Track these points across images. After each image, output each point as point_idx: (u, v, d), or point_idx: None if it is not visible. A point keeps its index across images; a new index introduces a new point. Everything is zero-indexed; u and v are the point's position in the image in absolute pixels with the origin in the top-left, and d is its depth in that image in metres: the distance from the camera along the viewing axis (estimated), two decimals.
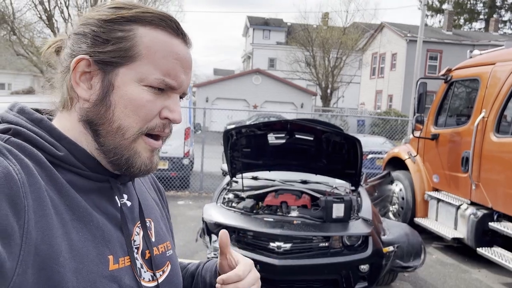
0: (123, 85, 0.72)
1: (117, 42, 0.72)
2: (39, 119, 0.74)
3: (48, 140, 0.71)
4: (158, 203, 0.95)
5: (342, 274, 3.68)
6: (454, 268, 4.95)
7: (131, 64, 0.72)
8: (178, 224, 6.12)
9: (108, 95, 0.72)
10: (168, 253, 0.86)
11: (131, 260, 0.74)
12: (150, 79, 0.72)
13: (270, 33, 41.50)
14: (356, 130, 21.17)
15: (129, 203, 0.80)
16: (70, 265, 0.64)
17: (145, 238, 0.80)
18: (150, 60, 0.72)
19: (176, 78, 0.75)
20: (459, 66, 5.55)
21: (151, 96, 0.73)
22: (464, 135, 5.08)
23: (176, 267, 0.88)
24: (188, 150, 8.42)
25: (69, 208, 0.68)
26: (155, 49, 0.73)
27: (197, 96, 25.14)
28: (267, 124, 4.23)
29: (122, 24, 0.73)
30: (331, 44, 26.02)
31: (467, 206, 4.99)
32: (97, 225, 0.71)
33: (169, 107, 0.75)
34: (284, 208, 4.13)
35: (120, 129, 0.73)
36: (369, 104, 32.09)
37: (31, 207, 0.61)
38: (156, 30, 0.73)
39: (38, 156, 0.68)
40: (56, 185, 0.68)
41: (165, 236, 0.88)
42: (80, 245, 0.67)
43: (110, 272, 0.70)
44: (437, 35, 27.96)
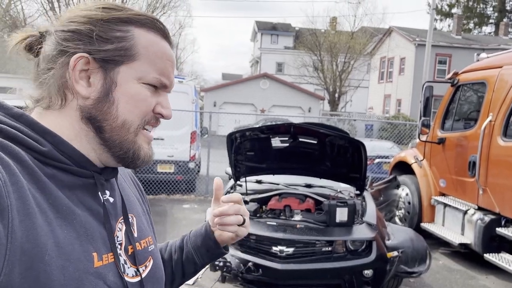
0: (125, 83, 0.76)
1: (117, 42, 0.75)
2: (19, 114, 0.73)
3: (30, 135, 0.70)
4: (139, 198, 0.96)
5: (345, 279, 3.64)
6: (460, 274, 4.87)
7: (131, 63, 0.76)
8: (183, 228, 6.12)
9: (111, 91, 0.75)
10: (150, 248, 0.87)
11: (115, 256, 0.75)
12: (148, 77, 0.77)
13: (278, 38, 41.58)
14: (364, 134, 21.03)
15: (112, 199, 0.81)
16: (56, 263, 0.64)
17: (127, 233, 0.81)
18: (148, 60, 0.77)
19: (168, 77, 0.80)
20: (466, 69, 5.49)
21: (148, 93, 0.78)
22: (471, 139, 5.02)
23: (158, 261, 0.90)
24: (194, 154, 8.42)
25: (53, 206, 0.68)
26: (152, 50, 0.77)
27: (205, 100, 25.22)
28: (270, 127, 4.21)
29: (119, 25, 0.76)
30: (339, 48, 25.97)
31: (474, 211, 4.92)
32: (80, 222, 0.71)
33: (162, 103, 0.80)
34: (288, 212, 4.11)
35: (125, 124, 0.76)
36: (377, 109, 31.92)
37: (15, 206, 0.61)
38: (149, 32, 0.78)
39: (19, 154, 0.67)
40: (38, 183, 0.67)
41: (147, 231, 0.89)
42: (66, 242, 0.67)
43: (95, 269, 0.70)
44: (446, 39, 27.78)
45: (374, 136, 20.46)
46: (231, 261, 3.70)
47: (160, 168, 8.29)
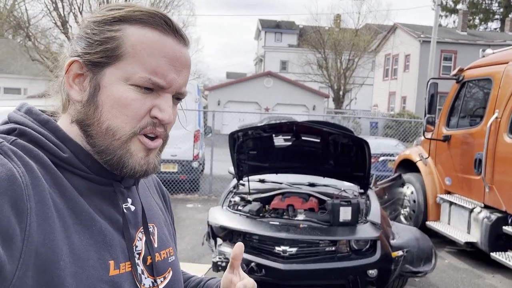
0: (110, 85, 0.72)
1: (105, 43, 0.72)
2: (45, 120, 0.74)
3: (53, 141, 0.72)
4: (162, 208, 0.94)
5: (349, 279, 3.59)
6: (467, 273, 4.81)
7: (118, 64, 0.72)
8: (186, 227, 6.09)
9: (96, 95, 0.72)
10: (170, 259, 0.86)
11: (132, 265, 0.74)
12: (135, 77, 0.71)
13: (282, 36, 41.47)
14: (369, 132, 20.92)
15: (133, 208, 0.80)
16: (70, 269, 0.64)
17: (147, 243, 0.80)
18: (136, 59, 0.71)
19: (164, 76, 0.72)
20: (471, 65, 5.41)
21: (137, 95, 0.72)
22: (477, 136, 4.95)
23: (178, 273, 0.87)
24: (197, 153, 8.40)
25: (72, 212, 0.68)
26: (141, 47, 0.71)
27: (209, 99, 25.23)
28: (272, 126, 4.18)
29: (111, 25, 0.73)
30: (343, 46, 25.86)
31: (480, 209, 4.85)
32: (99, 229, 0.71)
33: (159, 106, 0.73)
34: (291, 211, 4.07)
35: (110, 130, 0.72)
36: (382, 106, 31.77)
37: (34, 210, 0.62)
38: (144, 28, 0.73)
39: (43, 159, 0.68)
40: (60, 188, 0.68)
41: (167, 242, 0.87)
42: (82, 249, 0.67)
43: (110, 278, 0.69)
44: (451, 36, 27.58)
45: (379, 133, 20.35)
46: None
47: (163, 168, 8.28)
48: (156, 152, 0.77)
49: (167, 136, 0.79)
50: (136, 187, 0.84)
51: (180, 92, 0.77)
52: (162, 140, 0.78)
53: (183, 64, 0.75)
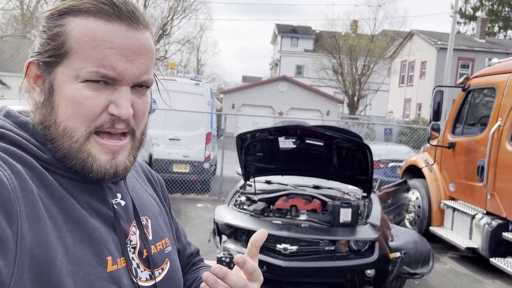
0: (63, 85, 0.69)
1: (53, 40, 0.68)
2: (24, 123, 0.73)
3: (33, 143, 0.70)
4: (156, 198, 0.92)
5: (347, 278, 3.72)
6: (467, 278, 4.89)
7: (66, 61, 0.68)
8: (196, 226, 6.29)
9: (51, 97, 0.70)
10: (167, 250, 0.85)
11: (126, 260, 0.74)
12: (83, 73, 0.67)
13: (298, 41, 41.61)
14: (383, 138, 20.86)
15: (123, 202, 0.79)
16: (66, 269, 0.63)
17: (141, 237, 0.79)
18: (81, 53, 0.67)
19: (113, 68, 0.68)
20: (477, 74, 5.51)
21: (91, 93, 0.68)
22: (480, 144, 5.04)
23: (176, 263, 0.86)
24: (209, 154, 8.61)
25: (63, 211, 0.67)
26: (84, 40, 0.67)
27: (223, 102, 25.48)
28: (277, 129, 4.34)
29: (57, 19, 0.69)
30: (358, 51, 25.87)
31: (482, 215, 4.93)
32: (93, 226, 0.70)
33: (115, 101, 0.70)
34: (294, 211, 4.22)
35: (66, 131, 0.69)
36: (397, 113, 31.59)
37: (24, 212, 0.61)
38: (88, 19, 0.68)
39: (28, 160, 0.67)
40: (48, 188, 0.67)
41: (163, 233, 0.86)
42: (76, 248, 0.66)
43: (108, 274, 0.69)
44: (469, 43, 27.32)
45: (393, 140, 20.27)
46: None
47: (175, 168, 8.50)
48: (127, 152, 0.74)
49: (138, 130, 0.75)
50: (124, 181, 0.82)
51: (140, 81, 0.71)
52: (130, 137, 0.74)
53: (137, 52, 0.70)
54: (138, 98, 0.73)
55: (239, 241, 4.01)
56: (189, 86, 8.58)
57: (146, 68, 0.72)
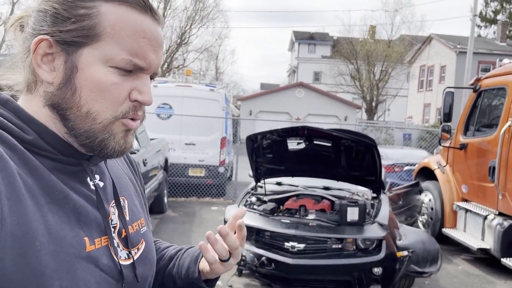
0: (87, 67, 0.68)
1: (79, 20, 0.67)
2: (5, 100, 0.70)
3: (15, 122, 0.68)
4: (131, 178, 0.93)
5: (354, 276, 3.77)
6: (479, 279, 4.86)
7: (95, 44, 0.68)
8: (209, 228, 6.39)
9: (72, 77, 0.69)
10: (142, 230, 0.86)
11: (109, 239, 0.74)
12: (116, 59, 0.68)
13: (316, 47, 41.66)
14: (402, 144, 20.64)
15: (102, 183, 0.79)
16: (47, 249, 0.63)
17: (120, 217, 0.80)
18: (116, 39, 0.68)
19: (144, 58, 0.70)
20: (488, 75, 5.51)
21: (117, 78, 0.69)
22: (492, 144, 5.02)
23: (150, 243, 0.88)
24: (223, 159, 8.75)
25: (44, 191, 0.66)
26: (120, 27, 0.68)
27: (241, 109, 25.67)
28: (285, 130, 4.44)
29: (84, 1, 0.68)
30: (376, 57, 25.77)
31: (494, 216, 4.91)
32: (73, 207, 0.69)
33: (139, 88, 0.71)
34: (302, 211, 4.30)
35: (90, 114, 0.69)
36: (417, 118, 31.20)
37: (4, 193, 0.60)
38: (121, 7, 0.69)
39: (8, 139, 0.66)
40: (29, 168, 0.66)
41: (139, 213, 0.87)
42: (57, 228, 0.66)
43: (87, 253, 0.69)
44: (489, 46, 26.89)
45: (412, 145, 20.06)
46: (246, 255, 3.92)
47: (191, 172, 8.67)
48: (133, 132, 0.76)
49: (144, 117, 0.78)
50: (105, 162, 0.83)
51: (156, 72, 0.75)
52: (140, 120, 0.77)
53: (160, 44, 0.73)
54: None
55: (248, 239, 4.10)
56: (204, 92, 8.77)
57: (161, 60, 0.76)
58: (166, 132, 8.24)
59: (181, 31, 23.79)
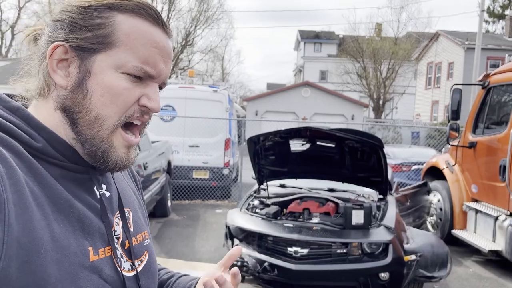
0: (100, 72, 0.71)
1: (95, 29, 0.71)
2: (15, 108, 0.72)
3: (25, 130, 0.70)
4: (135, 191, 0.95)
5: (360, 282, 3.64)
6: (490, 282, 4.69)
7: (109, 51, 0.71)
8: (213, 231, 6.31)
9: (85, 81, 0.72)
10: (146, 243, 0.87)
11: (112, 250, 0.75)
12: (128, 66, 0.72)
13: (322, 46, 41.42)
14: (411, 142, 20.39)
15: (108, 194, 0.80)
16: (52, 257, 0.64)
17: (124, 228, 0.81)
18: (129, 47, 0.72)
19: (155, 66, 0.74)
20: (497, 71, 5.33)
21: (129, 84, 0.72)
22: (502, 143, 4.86)
23: (153, 255, 0.89)
24: (228, 160, 8.65)
25: (50, 200, 0.67)
26: (134, 36, 0.72)
27: (247, 109, 25.56)
28: (288, 131, 4.31)
29: (101, 11, 0.72)
30: (382, 54, 25.51)
31: (505, 217, 4.74)
32: (77, 216, 0.71)
33: (148, 95, 0.75)
34: (306, 214, 4.17)
35: (98, 119, 0.72)
36: (425, 116, 30.87)
37: (11, 200, 0.61)
38: (135, 18, 0.73)
39: (16, 147, 0.67)
40: (36, 176, 0.67)
41: (142, 226, 0.89)
42: (62, 236, 0.67)
43: (90, 263, 0.70)
44: (498, 42, 26.52)
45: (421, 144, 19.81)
46: (248, 261, 3.81)
47: (195, 175, 8.58)
48: (135, 147, 0.78)
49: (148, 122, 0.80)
50: (112, 173, 0.84)
51: (165, 82, 0.79)
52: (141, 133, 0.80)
53: (170, 55, 0.77)
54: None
55: (251, 245, 3.99)
56: (207, 93, 8.67)
57: (170, 71, 0.79)
58: (169, 134, 8.15)
59: (186, 32, 23.74)
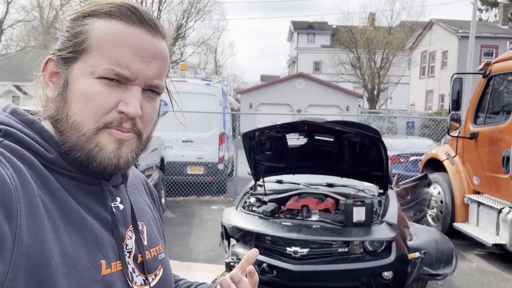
0: (77, 80, 0.72)
1: (75, 37, 0.72)
2: (30, 121, 0.74)
3: (39, 142, 0.71)
4: (150, 206, 0.94)
5: (363, 281, 3.51)
6: (494, 277, 4.57)
7: (83, 57, 0.72)
8: (208, 229, 6.15)
9: (65, 91, 0.73)
10: (160, 257, 0.86)
11: (123, 264, 0.74)
12: (98, 69, 0.70)
13: (315, 37, 41.15)
14: (406, 132, 20.32)
15: (122, 206, 0.80)
16: (62, 270, 0.64)
17: (137, 242, 0.80)
18: (100, 51, 0.71)
19: (128, 67, 0.71)
20: (498, 59, 5.17)
21: (103, 89, 0.71)
22: (505, 133, 4.72)
23: (168, 270, 0.88)
24: (223, 155, 8.47)
25: (62, 213, 0.68)
26: (105, 39, 0.71)
27: (241, 102, 25.37)
28: (284, 125, 4.14)
29: (82, 20, 0.73)
30: (376, 44, 25.35)
31: (509, 209, 4.62)
32: (90, 229, 0.71)
33: (125, 100, 0.72)
34: (305, 212, 4.02)
35: (75, 125, 0.71)
36: (419, 105, 30.84)
37: (24, 212, 0.61)
38: (110, 21, 0.72)
39: (30, 159, 0.68)
40: (49, 189, 0.68)
41: (157, 240, 0.88)
42: (73, 249, 0.66)
43: (102, 277, 0.69)
44: (491, 30, 26.44)
45: (416, 133, 19.73)
46: None
47: (190, 170, 8.40)
48: (130, 146, 0.75)
49: (144, 134, 0.76)
50: (125, 185, 0.84)
51: (152, 85, 0.74)
52: (136, 135, 0.75)
53: (152, 55, 0.73)
54: (148, 102, 0.76)
55: (248, 244, 3.83)
56: (200, 86, 8.46)
57: (159, 73, 0.75)
58: (162, 130, 7.94)
59: (177, 24, 23.40)
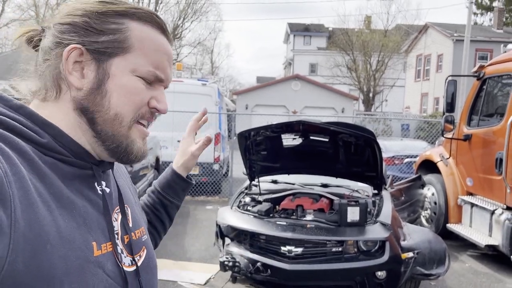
0: (118, 74, 0.75)
1: (111, 34, 0.75)
2: (18, 106, 0.73)
3: (29, 127, 0.71)
4: (131, 189, 0.98)
5: (356, 281, 3.52)
6: (487, 278, 4.61)
7: (125, 55, 0.76)
8: (203, 228, 6.15)
9: (104, 83, 0.75)
10: (144, 238, 0.89)
11: (113, 245, 0.76)
12: (142, 70, 0.77)
13: (311, 39, 41.26)
14: (401, 134, 20.38)
15: (108, 190, 0.82)
16: (58, 252, 0.65)
17: (123, 223, 0.83)
18: (143, 52, 0.77)
19: (164, 71, 0.80)
20: (492, 62, 5.22)
21: (143, 86, 0.78)
22: (498, 135, 4.76)
23: (151, 251, 0.91)
24: (218, 155, 8.47)
25: (54, 196, 0.68)
26: (147, 42, 0.77)
27: (237, 103, 25.36)
28: (280, 125, 4.16)
29: (114, 17, 0.76)
30: (372, 47, 25.45)
31: (502, 211, 4.65)
32: (79, 212, 0.72)
33: (157, 97, 0.80)
34: (300, 211, 4.03)
35: (117, 117, 0.75)
36: (414, 108, 30.97)
37: (17, 196, 0.62)
38: (147, 26, 0.78)
39: (19, 145, 0.68)
40: (39, 173, 0.68)
41: (140, 222, 0.91)
42: (67, 231, 0.68)
43: (95, 258, 0.71)
44: (486, 34, 26.64)
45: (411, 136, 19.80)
46: (240, 261, 3.67)
47: None
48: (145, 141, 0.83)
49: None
50: (112, 170, 0.87)
51: (168, 86, 0.84)
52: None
53: (172, 61, 0.83)
54: None
55: (242, 244, 3.84)
56: (196, 87, 8.46)
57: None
58: (157, 130, 7.93)
59: (174, 25, 23.38)
